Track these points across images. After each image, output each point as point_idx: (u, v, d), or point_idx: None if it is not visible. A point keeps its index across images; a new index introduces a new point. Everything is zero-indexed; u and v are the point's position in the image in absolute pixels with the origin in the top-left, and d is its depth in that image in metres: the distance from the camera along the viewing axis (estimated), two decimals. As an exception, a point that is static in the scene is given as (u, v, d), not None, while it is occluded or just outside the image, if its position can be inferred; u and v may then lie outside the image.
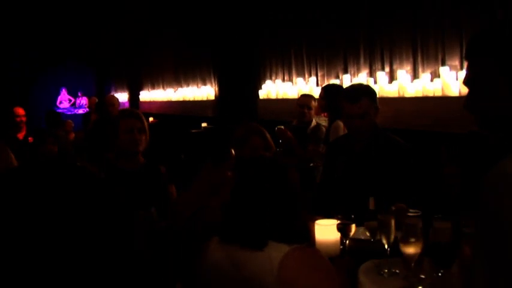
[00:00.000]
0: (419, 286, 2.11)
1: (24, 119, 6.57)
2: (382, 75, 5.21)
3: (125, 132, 3.26)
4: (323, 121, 5.09)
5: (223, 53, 8.16)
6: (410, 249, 2.09)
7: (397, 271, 2.21)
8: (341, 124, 4.21)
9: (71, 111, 12.29)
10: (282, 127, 4.80)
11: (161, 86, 11.63)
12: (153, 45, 11.64)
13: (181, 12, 9.68)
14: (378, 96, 5.11)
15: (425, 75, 4.70)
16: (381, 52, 5.30)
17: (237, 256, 1.97)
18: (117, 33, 12.51)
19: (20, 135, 6.24)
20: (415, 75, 4.88)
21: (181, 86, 10.52)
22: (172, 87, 10.91)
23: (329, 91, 4.70)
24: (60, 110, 11.94)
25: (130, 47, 12.42)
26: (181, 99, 10.43)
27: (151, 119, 9.46)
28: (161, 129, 6.51)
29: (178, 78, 10.67)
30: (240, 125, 3.34)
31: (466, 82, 1.61)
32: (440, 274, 2.07)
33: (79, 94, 12.61)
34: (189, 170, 3.20)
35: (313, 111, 5.06)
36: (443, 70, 4.45)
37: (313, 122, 5.01)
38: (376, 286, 2.16)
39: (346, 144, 3.21)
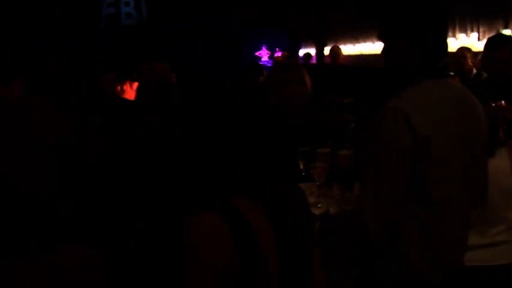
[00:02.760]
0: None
1: None
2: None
3: (282, 86, 2.92)
4: None
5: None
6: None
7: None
8: None
9: (269, 63, 13.54)
10: None
11: (342, 43, 12.26)
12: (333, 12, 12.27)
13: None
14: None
15: None
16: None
17: None
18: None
19: None
20: None
21: (359, 42, 11.11)
22: (352, 44, 11.52)
23: None
24: (261, 62, 13.33)
25: (316, 16, 13.22)
26: (358, 53, 11.06)
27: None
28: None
29: (356, 37, 11.24)
30: None
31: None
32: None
33: (276, 50, 13.80)
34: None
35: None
36: None
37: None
38: None
39: None
